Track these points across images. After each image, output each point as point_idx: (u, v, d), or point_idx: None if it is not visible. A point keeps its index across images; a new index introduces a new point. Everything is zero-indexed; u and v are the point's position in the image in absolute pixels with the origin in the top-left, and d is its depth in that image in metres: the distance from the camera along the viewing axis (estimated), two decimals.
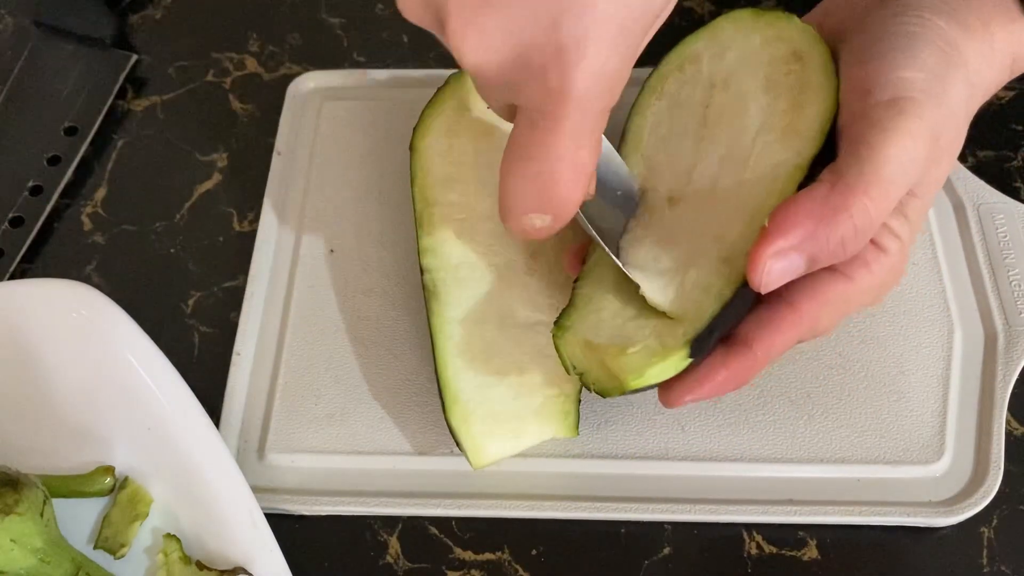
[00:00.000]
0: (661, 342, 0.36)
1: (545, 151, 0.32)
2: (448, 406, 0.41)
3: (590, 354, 0.38)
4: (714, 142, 0.40)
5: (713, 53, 0.42)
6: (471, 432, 0.40)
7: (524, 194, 0.33)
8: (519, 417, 0.41)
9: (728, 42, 0.42)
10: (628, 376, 0.36)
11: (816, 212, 0.34)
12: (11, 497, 0.37)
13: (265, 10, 0.58)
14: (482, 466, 0.41)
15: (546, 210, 0.34)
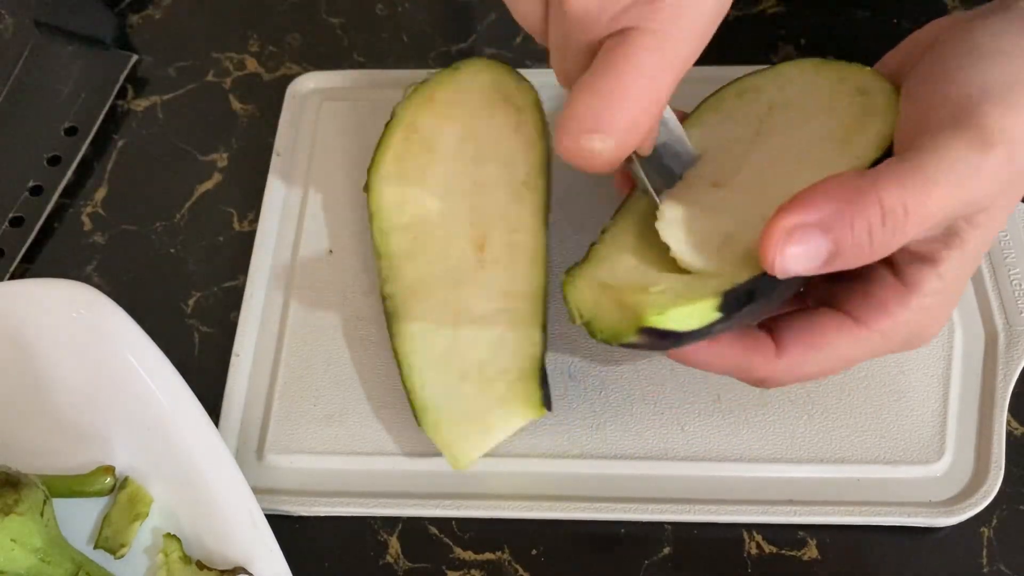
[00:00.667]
0: (688, 287, 0.34)
1: (632, 66, 0.31)
2: (419, 417, 0.41)
3: (604, 296, 0.36)
4: (769, 144, 0.39)
5: (776, 85, 0.41)
6: (444, 438, 0.41)
7: (594, 110, 0.32)
8: (486, 411, 0.41)
9: (791, 78, 0.41)
10: (649, 311, 0.33)
11: (842, 191, 0.31)
12: (11, 497, 0.37)
13: (265, 10, 0.58)
14: (463, 468, 0.41)
15: (611, 131, 0.32)
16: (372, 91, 0.54)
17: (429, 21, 0.57)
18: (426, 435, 0.41)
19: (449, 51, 0.56)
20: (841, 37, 0.55)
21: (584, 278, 0.37)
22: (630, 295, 0.34)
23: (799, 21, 0.55)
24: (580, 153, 0.33)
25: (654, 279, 0.36)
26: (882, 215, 0.30)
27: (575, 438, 0.43)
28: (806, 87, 0.40)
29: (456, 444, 0.41)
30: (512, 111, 0.45)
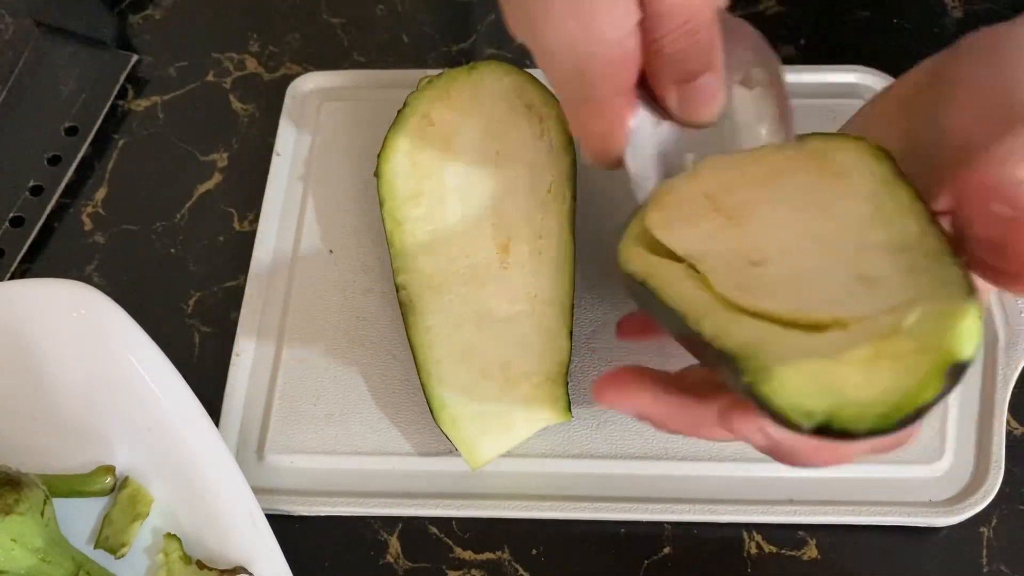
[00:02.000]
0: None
1: (564, 113, 0.36)
2: (436, 413, 0.41)
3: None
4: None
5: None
6: (462, 435, 0.41)
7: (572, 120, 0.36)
8: (508, 411, 0.41)
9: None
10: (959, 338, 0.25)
11: None
12: (12, 497, 0.37)
13: (265, 10, 0.58)
14: (480, 466, 0.41)
15: (585, 152, 0.36)
16: (372, 91, 0.54)
17: (429, 21, 0.57)
18: (442, 431, 0.41)
19: (449, 51, 0.56)
20: (841, 37, 0.55)
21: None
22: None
23: (799, 21, 0.55)
24: (589, 157, 0.37)
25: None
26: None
27: (575, 438, 0.43)
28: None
29: (474, 441, 0.41)
30: (535, 120, 0.44)
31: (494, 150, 0.44)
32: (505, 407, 0.41)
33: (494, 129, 0.45)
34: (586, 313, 0.46)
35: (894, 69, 0.52)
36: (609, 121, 0.35)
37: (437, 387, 0.41)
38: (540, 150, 0.44)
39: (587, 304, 0.46)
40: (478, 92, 0.45)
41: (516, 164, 0.44)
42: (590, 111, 0.35)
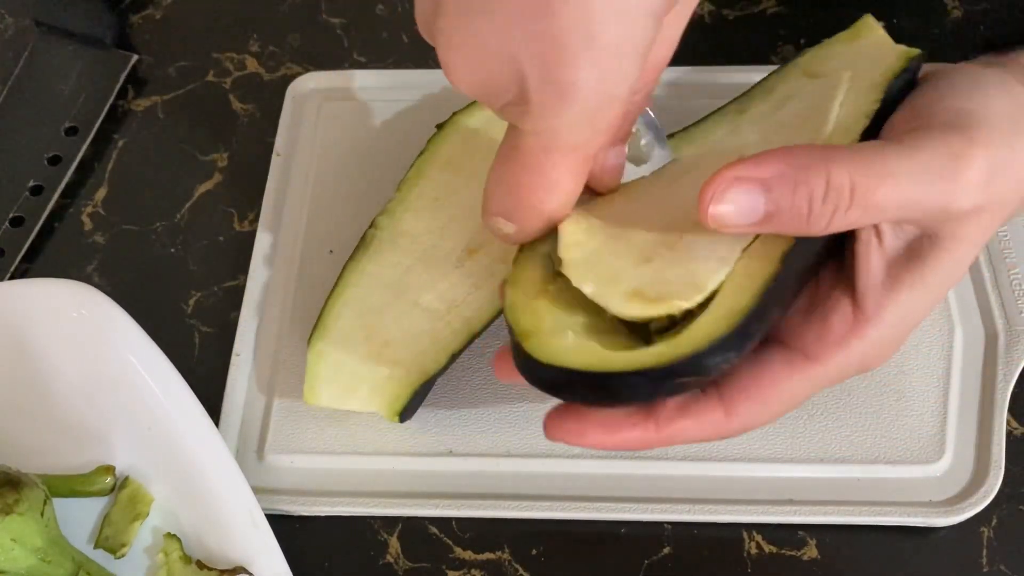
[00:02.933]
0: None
1: (517, 160, 0.32)
2: (315, 336, 0.42)
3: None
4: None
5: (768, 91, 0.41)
6: (317, 369, 0.42)
7: (495, 194, 0.33)
8: (359, 379, 0.42)
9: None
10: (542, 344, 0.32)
11: (793, 157, 0.31)
12: (12, 496, 0.37)
13: (265, 10, 0.58)
14: (311, 403, 0.42)
15: (512, 216, 0.33)
16: (372, 91, 0.54)
17: None
18: (307, 352, 0.42)
19: None
20: None
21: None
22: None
23: (799, 21, 0.55)
24: (495, 232, 0.34)
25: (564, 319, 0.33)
26: (825, 188, 0.30)
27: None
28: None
29: (321, 382, 0.42)
30: None
31: None
32: (361, 375, 0.42)
33: None
34: None
35: None
36: (579, 176, 0.32)
37: (331, 319, 0.42)
38: None
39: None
40: None
41: None
42: (572, 162, 0.32)
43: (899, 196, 0.31)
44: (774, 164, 0.30)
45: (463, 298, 0.43)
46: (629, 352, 0.31)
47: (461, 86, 0.31)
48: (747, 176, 0.30)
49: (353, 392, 0.42)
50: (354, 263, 0.44)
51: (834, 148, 0.31)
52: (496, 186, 0.33)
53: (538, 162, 0.31)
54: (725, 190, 0.30)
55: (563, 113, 0.29)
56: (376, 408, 0.42)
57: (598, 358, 0.31)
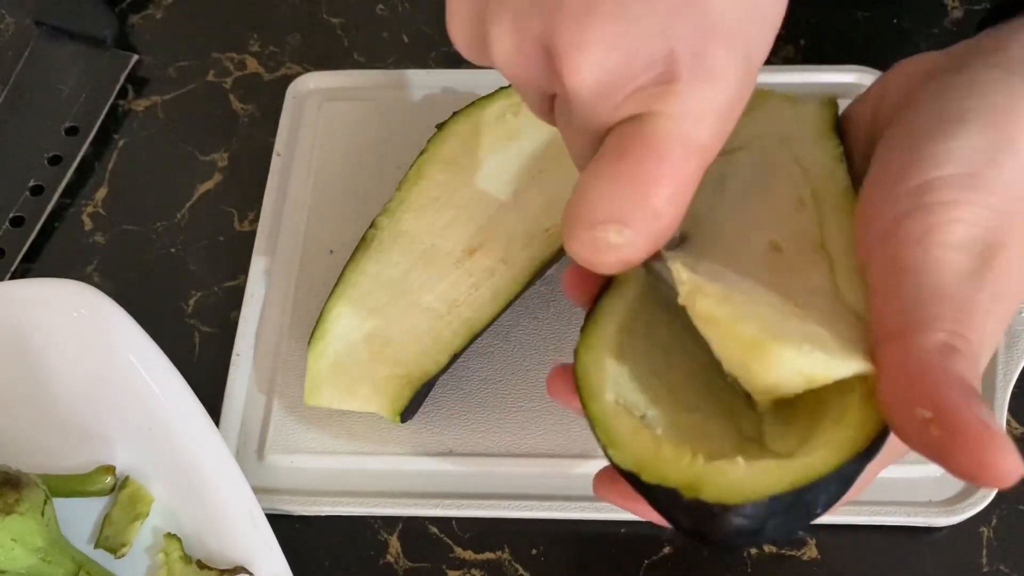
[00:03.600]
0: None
1: (648, 151, 0.27)
2: (315, 337, 0.42)
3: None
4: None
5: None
6: (318, 367, 0.42)
7: (607, 196, 0.28)
8: (360, 379, 0.42)
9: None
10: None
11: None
12: (12, 496, 0.37)
13: (265, 10, 0.58)
14: (311, 404, 0.42)
15: (629, 221, 0.28)
16: (372, 91, 0.54)
17: (429, 21, 0.57)
18: (307, 350, 0.42)
19: (449, 51, 0.56)
20: (841, 37, 0.55)
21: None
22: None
23: (799, 21, 0.55)
24: (595, 247, 0.29)
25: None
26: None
27: (575, 438, 0.43)
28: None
29: (321, 380, 0.42)
30: None
31: (539, 168, 0.44)
32: (361, 375, 0.42)
33: (555, 150, 0.45)
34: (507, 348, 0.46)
35: None
36: (691, 194, 0.29)
37: (331, 319, 0.43)
38: (568, 193, 0.44)
39: (517, 338, 0.46)
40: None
41: (542, 192, 0.44)
42: (704, 165, 0.28)
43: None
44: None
45: (464, 298, 0.43)
46: (823, 445, 0.27)
47: (593, 65, 0.27)
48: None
49: (353, 392, 0.42)
50: (354, 263, 0.44)
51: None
52: (609, 184, 0.28)
53: (672, 152, 0.27)
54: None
55: (710, 94, 0.27)
56: (376, 408, 0.42)
57: (798, 469, 0.27)
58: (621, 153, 0.28)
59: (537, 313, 0.46)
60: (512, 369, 0.45)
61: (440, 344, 0.42)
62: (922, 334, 0.27)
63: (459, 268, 0.43)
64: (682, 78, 0.26)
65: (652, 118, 0.27)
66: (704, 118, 0.27)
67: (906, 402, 0.26)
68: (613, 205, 0.28)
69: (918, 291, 0.27)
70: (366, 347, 0.42)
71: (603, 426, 0.29)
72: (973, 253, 0.28)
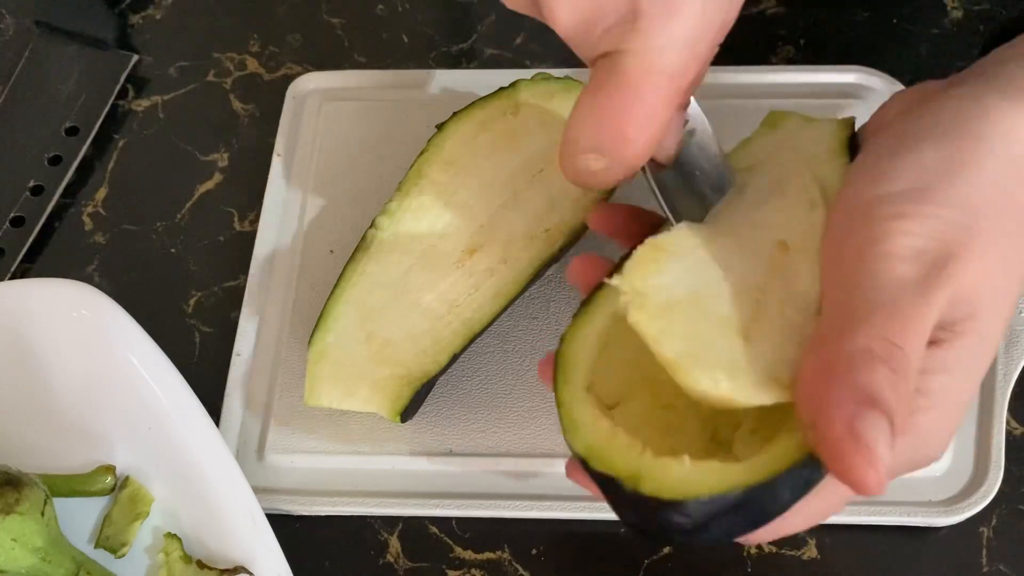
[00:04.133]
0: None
1: (617, 85, 0.31)
2: (315, 337, 0.42)
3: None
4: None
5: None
6: (318, 369, 0.42)
7: (585, 127, 0.32)
8: (360, 379, 0.42)
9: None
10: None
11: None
12: (12, 496, 0.37)
13: (266, 10, 0.58)
14: (311, 404, 0.42)
15: (605, 149, 0.32)
16: (372, 91, 0.54)
17: (429, 21, 0.57)
18: (308, 350, 0.42)
19: (449, 51, 0.56)
20: (841, 37, 0.55)
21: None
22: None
23: (799, 21, 0.55)
24: (578, 173, 0.33)
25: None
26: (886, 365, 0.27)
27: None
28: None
29: (321, 381, 0.42)
30: None
31: (539, 168, 0.44)
32: (362, 375, 0.42)
33: (555, 150, 0.45)
34: None
35: (894, 69, 0.52)
36: (671, 115, 0.32)
37: (331, 320, 0.42)
38: (570, 192, 0.44)
39: (516, 338, 0.46)
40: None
41: (542, 192, 0.44)
42: (675, 92, 0.32)
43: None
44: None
45: (463, 298, 0.43)
46: (770, 451, 0.28)
47: (567, 13, 0.31)
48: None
49: (354, 392, 0.42)
50: (354, 263, 0.44)
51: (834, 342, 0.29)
52: (586, 117, 0.32)
53: (638, 84, 0.31)
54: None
55: (671, 28, 0.30)
56: (376, 408, 0.42)
57: (742, 471, 0.28)
58: (596, 88, 0.32)
59: (537, 313, 0.46)
60: (512, 369, 0.45)
61: (440, 344, 0.42)
62: (841, 341, 0.28)
63: (459, 268, 0.43)
64: (644, 15, 0.30)
65: (620, 55, 0.31)
66: (667, 50, 0.30)
67: (802, 407, 0.28)
68: (590, 135, 0.32)
69: (851, 299, 0.28)
70: (366, 347, 0.42)
71: (567, 410, 0.31)
72: (920, 263, 0.28)
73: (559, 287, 0.47)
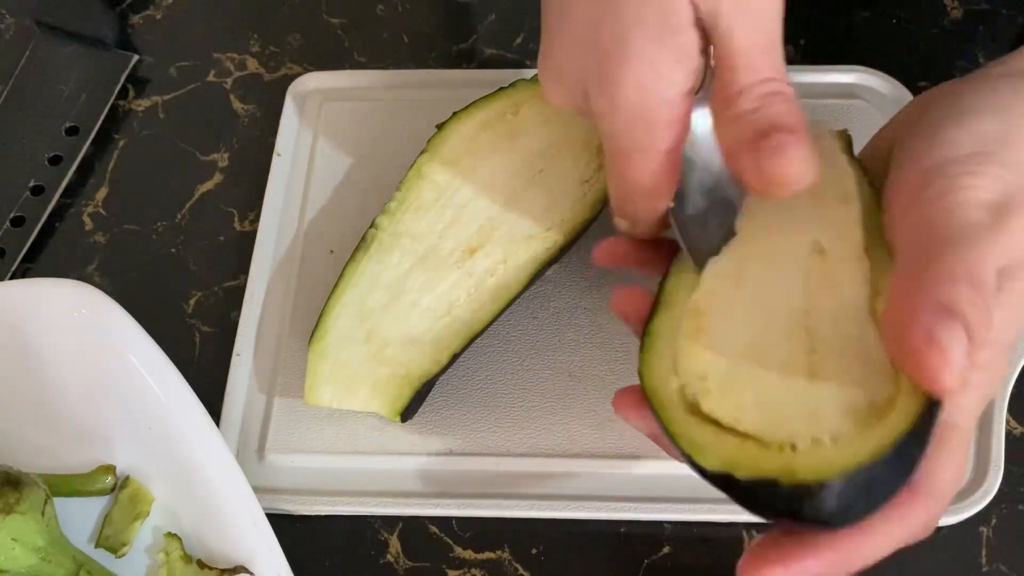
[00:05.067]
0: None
1: (607, 163, 0.37)
2: (315, 337, 0.43)
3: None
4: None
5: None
6: (318, 369, 0.42)
7: (610, 196, 0.38)
8: (360, 379, 0.42)
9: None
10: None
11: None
12: (13, 496, 0.37)
13: (266, 10, 0.58)
14: (311, 404, 0.42)
15: (620, 215, 0.38)
16: (372, 91, 0.54)
17: (429, 21, 0.57)
18: (308, 351, 0.42)
19: (449, 51, 0.56)
20: (841, 37, 0.55)
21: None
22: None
23: (799, 21, 0.55)
24: (618, 227, 0.39)
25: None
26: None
27: (575, 438, 0.43)
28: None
29: (321, 380, 0.42)
30: (593, 164, 0.45)
31: (539, 168, 0.44)
32: (362, 375, 0.42)
33: (554, 150, 0.45)
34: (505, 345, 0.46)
35: (894, 69, 0.52)
36: (661, 173, 0.35)
37: (331, 319, 0.43)
38: (570, 192, 0.44)
39: (517, 338, 0.46)
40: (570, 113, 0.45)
41: (542, 191, 0.44)
42: (646, 161, 0.35)
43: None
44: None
45: (464, 298, 0.43)
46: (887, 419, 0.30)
47: (558, 105, 0.38)
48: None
49: (354, 392, 0.42)
50: (354, 263, 0.44)
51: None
52: (611, 195, 0.38)
53: (618, 162, 0.36)
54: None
55: (617, 118, 0.34)
56: (376, 408, 0.42)
57: (877, 435, 0.29)
58: (606, 162, 0.37)
59: (537, 313, 0.46)
60: (512, 369, 0.45)
61: (440, 344, 0.42)
62: (924, 271, 0.29)
63: (459, 268, 0.43)
64: (594, 111, 0.35)
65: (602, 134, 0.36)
66: (622, 133, 0.35)
67: (888, 331, 0.30)
68: (613, 203, 0.38)
69: (931, 239, 0.30)
70: (366, 347, 0.42)
71: (686, 439, 0.32)
72: (989, 211, 0.30)
73: (559, 287, 0.47)
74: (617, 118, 0.34)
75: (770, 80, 0.33)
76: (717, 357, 0.33)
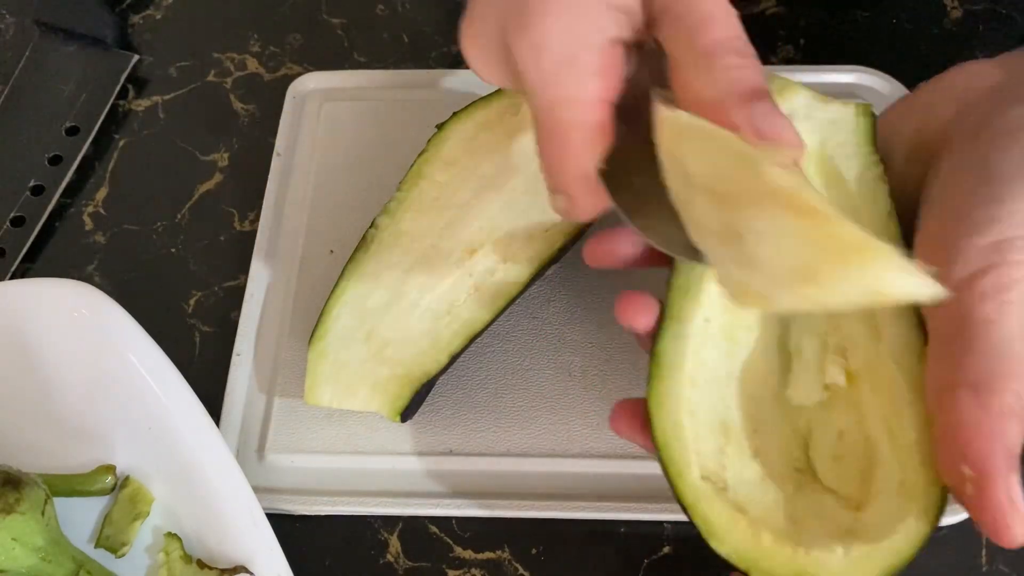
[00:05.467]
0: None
1: (538, 137, 0.34)
2: (315, 336, 0.42)
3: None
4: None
5: None
6: (319, 368, 0.42)
7: (544, 175, 0.35)
8: (360, 379, 0.42)
9: None
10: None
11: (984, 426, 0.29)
12: (12, 496, 0.37)
13: (266, 10, 0.58)
14: (311, 404, 0.42)
15: (558, 190, 0.35)
16: (372, 91, 0.54)
17: (429, 21, 0.57)
18: (308, 350, 0.42)
19: (449, 51, 0.56)
20: (841, 37, 0.55)
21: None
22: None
23: (799, 21, 0.55)
24: (558, 212, 0.36)
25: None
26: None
27: (575, 437, 0.43)
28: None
29: (321, 380, 0.42)
30: None
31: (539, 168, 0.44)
32: (362, 375, 0.42)
33: None
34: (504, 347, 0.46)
35: (894, 69, 0.52)
36: (590, 127, 0.33)
37: (331, 319, 0.43)
38: None
39: (517, 338, 0.46)
40: None
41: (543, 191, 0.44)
42: (572, 111, 0.33)
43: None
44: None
45: (463, 298, 0.43)
46: (898, 533, 0.32)
47: (487, 81, 0.37)
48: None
49: (354, 392, 0.42)
50: (354, 263, 0.44)
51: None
52: (541, 166, 0.35)
53: (548, 126, 0.33)
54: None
55: (541, 64, 0.32)
56: (376, 408, 0.42)
57: (889, 552, 0.32)
58: (536, 141, 0.35)
59: (537, 313, 0.46)
60: (512, 369, 0.45)
61: (440, 344, 0.42)
62: (986, 393, 0.29)
63: (459, 268, 0.43)
64: (519, 70, 0.33)
65: (531, 109, 0.34)
66: (547, 85, 0.33)
67: (956, 456, 0.30)
68: (548, 181, 0.35)
69: (988, 346, 0.29)
70: (366, 347, 0.42)
71: (699, 516, 0.34)
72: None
73: (559, 287, 0.47)
74: (541, 63, 0.32)
75: (742, 38, 0.31)
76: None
